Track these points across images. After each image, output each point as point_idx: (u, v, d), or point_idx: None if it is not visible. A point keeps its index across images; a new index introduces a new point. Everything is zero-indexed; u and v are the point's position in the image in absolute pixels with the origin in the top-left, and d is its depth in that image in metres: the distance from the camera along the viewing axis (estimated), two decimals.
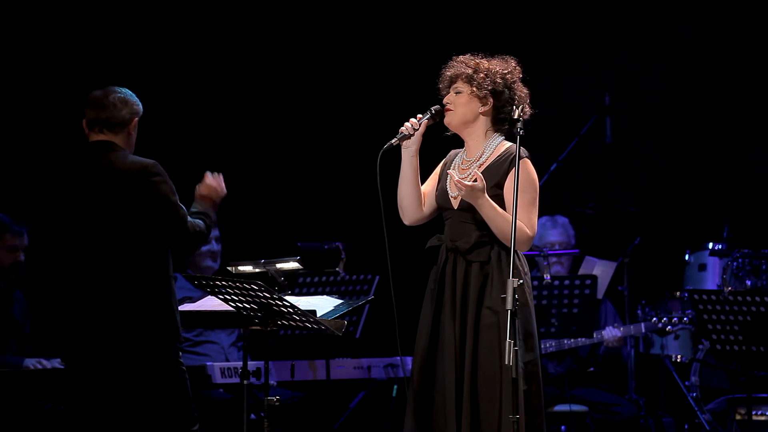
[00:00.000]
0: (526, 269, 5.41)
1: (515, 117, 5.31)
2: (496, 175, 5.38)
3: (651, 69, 9.82)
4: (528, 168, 5.39)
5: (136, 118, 5.93)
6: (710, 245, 8.72)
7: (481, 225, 5.36)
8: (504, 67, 5.47)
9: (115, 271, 5.74)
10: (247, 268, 7.13)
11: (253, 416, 7.09)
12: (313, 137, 9.47)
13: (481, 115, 5.46)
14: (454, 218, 5.44)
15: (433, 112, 5.46)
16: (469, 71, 5.43)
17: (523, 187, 5.33)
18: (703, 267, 8.82)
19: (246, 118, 9.39)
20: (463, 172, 5.46)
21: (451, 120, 5.46)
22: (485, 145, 5.46)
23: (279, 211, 9.29)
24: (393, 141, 5.43)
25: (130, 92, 5.96)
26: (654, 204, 9.68)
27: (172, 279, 5.87)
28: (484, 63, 5.45)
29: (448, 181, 5.49)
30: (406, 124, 5.43)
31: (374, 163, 5.43)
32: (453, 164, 5.54)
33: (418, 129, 5.43)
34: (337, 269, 7.47)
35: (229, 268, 7.22)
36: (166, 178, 5.80)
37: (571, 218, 8.79)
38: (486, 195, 5.26)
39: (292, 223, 9.13)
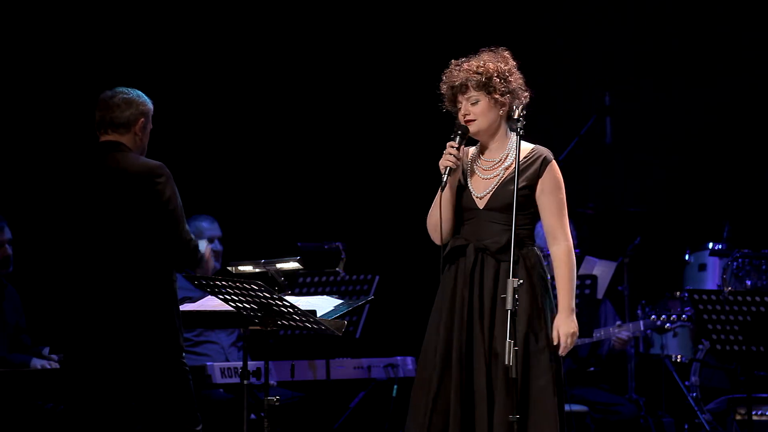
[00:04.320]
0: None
1: (515, 117, 5.31)
2: (527, 177, 5.39)
3: (651, 69, 9.81)
4: (557, 172, 5.42)
5: (142, 119, 5.92)
6: (710, 245, 8.72)
7: (508, 224, 5.34)
8: (505, 63, 5.44)
9: (118, 271, 5.75)
10: (247, 268, 7.12)
11: (253, 416, 7.09)
12: (314, 138, 9.47)
13: (501, 118, 5.46)
14: (479, 218, 5.42)
15: (460, 132, 5.39)
16: (481, 78, 5.38)
17: (556, 190, 5.41)
18: (703, 267, 8.83)
19: (247, 118, 9.39)
20: (484, 173, 5.44)
21: (477, 130, 5.41)
22: (508, 147, 5.44)
23: (279, 211, 9.29)
24: (445, 179, 5.33)
25: (139, 93, 5.96)
26: (654, 204, 9.68)
27: (175, 279, 5.88)
28: (490, 65, 5.40)
29: (470, 181, 5.47)
30: (448, 158, 5.33)
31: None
32: (468, 165, 5.49)
33: (459, 157, 5.40)
34: (337, 269, 7.47)
35: (229, 268, 7.22)
36: (171, 180, 5.80)
37: (571, 218, 8.77)
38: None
39: (292, 223, 9.13)
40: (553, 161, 5.41)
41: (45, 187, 6.05)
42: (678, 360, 8.78)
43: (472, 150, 5.53)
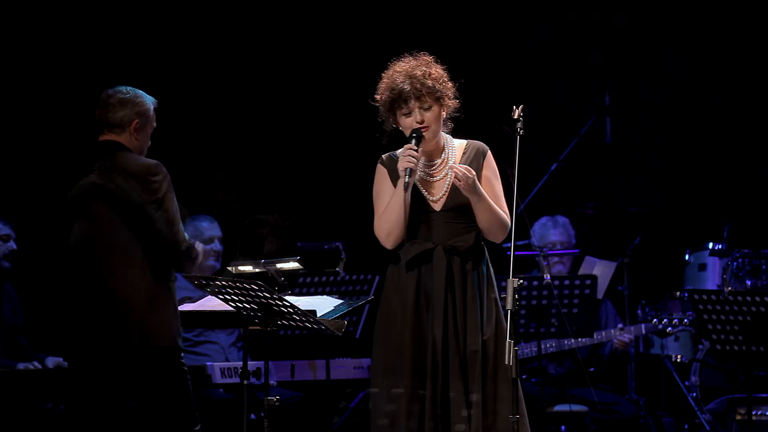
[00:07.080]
0: None
1: (515, 117, 5.31)
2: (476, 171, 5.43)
3: (651, 69, 9.82)
4: (493, 161, 5.48)
5: (137, 120, 5.90)
6: (710, 245, 8.72)
7: (469, 222, 5.40)
8: (436, 68, 5.45)
9: (116, 271, 5.75)
10: (247, 268, 7.13)
11: (253, 416, 7.09)
12: (313, 138, 9.47)
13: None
14: (437, 220, 5.43)
15: (416, 136, 5.39)
16: (433, 85, 5.38)
17: (495, 178, 5.45)
18: (703, 267, 8.83)
19: (246, 118, 9.39)
20: (432, 176, 5.46)
21: (431, 137, 5.43)
22: (447, 147, 5.49)
23: (279, 211, 9.29)
24: (407, 180, 5.32)
25: (138, 93, 5.93)
26: (654, 204, 9.68)
27: (173, 279, 5.88)
28: (433, 71, 5.43)
29: (419, 184, 5.46)
30: (410, 159, 5.32)
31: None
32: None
33: (419, 158, 5.39)
34: (337, 269, 7.47)
35: (229, 268, 7.22)
36: (167, 180, 5.80)
37: (571, 218, 8.79)
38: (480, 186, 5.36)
39: (292, 223, 9.13)
40: (489, 151, 5.49)
41: (44, 188, 6.05)
42: (678, 360, 8.78)
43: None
